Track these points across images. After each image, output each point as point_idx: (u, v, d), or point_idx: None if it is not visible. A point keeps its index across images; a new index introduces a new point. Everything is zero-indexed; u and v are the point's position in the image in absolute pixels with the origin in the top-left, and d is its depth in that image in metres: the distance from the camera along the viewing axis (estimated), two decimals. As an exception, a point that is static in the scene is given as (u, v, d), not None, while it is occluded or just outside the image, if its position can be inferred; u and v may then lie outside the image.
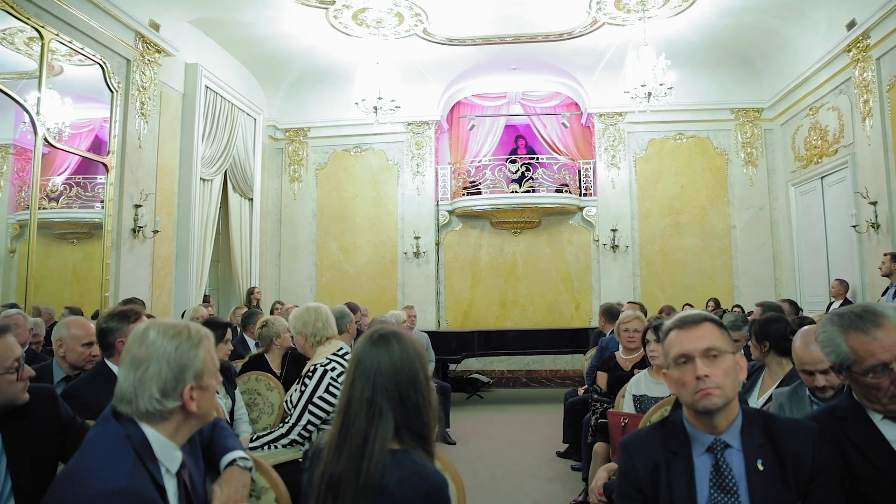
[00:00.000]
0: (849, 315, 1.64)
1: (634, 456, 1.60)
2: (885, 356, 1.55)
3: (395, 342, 1.45)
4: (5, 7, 5.24)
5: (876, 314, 1.61)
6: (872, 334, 1.58)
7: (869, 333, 1.58)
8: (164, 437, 1.34)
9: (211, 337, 1.45)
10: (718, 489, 1.49)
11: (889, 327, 1.58)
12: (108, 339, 2.62)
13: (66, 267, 7.27)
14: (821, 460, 1.50)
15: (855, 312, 1.65)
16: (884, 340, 1.56)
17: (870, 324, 1.59)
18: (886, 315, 1.63)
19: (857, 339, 1.59)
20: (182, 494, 1.40)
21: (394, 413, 1.38)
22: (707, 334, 1.55)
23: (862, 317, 1.62)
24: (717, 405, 1.49)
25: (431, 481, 1.32)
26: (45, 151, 6.38)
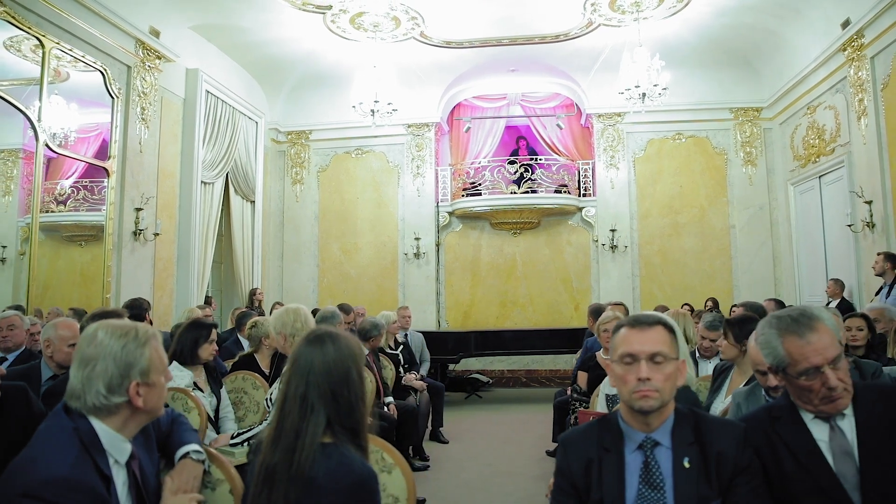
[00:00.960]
0: (786, 318, 1.70)
1: (570, 453, 1.68)
2: (817, 360, 1.61)
3: (329, 342, 1.54)
4: (7, 17, 5.38)
5: (811, 318, 1.67)
6: (807, 338, 1.63)
7: (803, 337, 1.64)
8: (113, 429, 1.44)
9: (159, 337, 1.55)
10: (646, 485, 1.55)
11: (823, 331, 1.64)
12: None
13: (75, 269, 7.40)
14: (743, 459, 1.55)
15: (792, 316, 1.70)
16: (817, 344, 1.62)
17: (805, 328, 1.65)
18: (822, 319, 1.69)
19: (793, 343, 1.65)
20: (132, 484, 1.50)
21: (326, 409, 1.47)
22: (657, 339, 1.60)
23: (798, 321, 1.67)
24: (654, 407, 1.56)
25: (357, 473, 1.40)
26: (52, 156, 6.55)
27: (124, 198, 6.77)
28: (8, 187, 6.84)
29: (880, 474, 1.56)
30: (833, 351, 1.62)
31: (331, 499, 1.38)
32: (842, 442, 1.62)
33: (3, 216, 6.82)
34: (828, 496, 1.57)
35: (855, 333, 3.85)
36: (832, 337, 1.64)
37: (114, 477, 1.44)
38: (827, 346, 1.62)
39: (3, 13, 5.36)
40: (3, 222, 6.75)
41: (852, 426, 1.63)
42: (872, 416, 1.63)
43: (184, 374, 3.37)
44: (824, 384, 1.60)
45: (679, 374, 1.62)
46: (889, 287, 6.33)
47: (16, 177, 6.90)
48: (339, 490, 1.38)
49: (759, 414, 1.80)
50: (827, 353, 1.61)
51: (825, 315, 1.69)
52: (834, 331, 1.67)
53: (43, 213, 7.23)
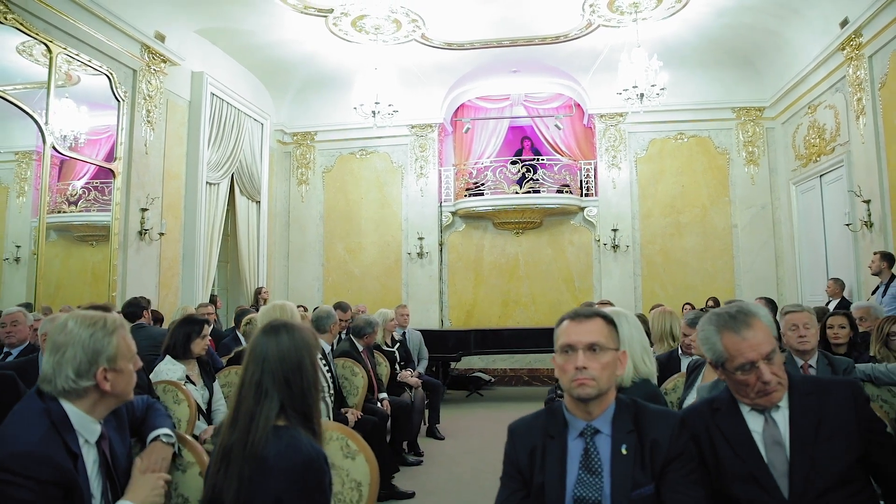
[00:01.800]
0: (724, 315, 1.78)
1: (517, 440, 1.77)
2: (752, 355, 1.68)
3: (284, 333, 1.64)
4: (15, 24, 5.56)
5: (748, 315, 1.75)
6: (742, 334, 1.71)
7: (739, 333, 1.71)
8: (82, 411, 1.55)
9: (127, 326, 1.66)
10: (585, 470, 1.63)
11: (758, 327, 1.72)
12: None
13: (87, 268, 7.57)
14: (677, 447, 1.62)
15: (730, 313, 1.77)
16: (752, 340, 1.69)
17: (741, 324, 1.72)
18: (758, 315, 1.76)
19: (730, 339, 1.72)
20: (102, 463, 1.61)
21: (279, 394, 1.57)
22: (594, 329, 1.69)
23: (735, 318, 1.75)
24: (590, 395, 1.63)
25: (304, 454, 1.50)
26: (63, 159, 6.73)
27: (130, 198, 6.94)
28: (22, 188, 7.00)
29: (807, 463, 1.63)
30: (767, 347, 1.70)
31: (280, 477, 1.48)
32: (774, 432, 1.70)
33: (17, 216, 6.98)
34: (758, 482, 1.66)
35: (837, 331, 3.90)
36: (767, 333, 1.72)
37: (84, 455, 1.55)
38: (761, 342, 1.70)
39: (12, 20, 5.53)
40: (17, 222, 6.90)
41: (786, 418, 1.71)
42: (805, 408, 1.71)
43: (176, 368, 3.49)
44: (759, 378, 1.68)
45: (619, 365, 1.70)
46: (885, 286, 6.34)
47: (30, 178, 7.07)
48: (288, 469, 1.48)
49: (702, 406, 1.88)
50: (761, 348, 1.69)
51: (761, 312, 1.77)
52: (770, 327, 1.75)
53: (55, 214, 7.44)
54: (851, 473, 1.63)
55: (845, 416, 1.69)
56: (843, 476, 1.62)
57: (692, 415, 1.83)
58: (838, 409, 1.70)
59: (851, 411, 1.70)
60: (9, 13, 5.49)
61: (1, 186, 7.09)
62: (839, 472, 1.62)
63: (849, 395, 1.74)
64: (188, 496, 1.86)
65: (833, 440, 1.65)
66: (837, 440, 1.66)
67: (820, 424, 1.68)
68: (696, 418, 1.80)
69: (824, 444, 1.65)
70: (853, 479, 1.63)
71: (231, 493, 1.49)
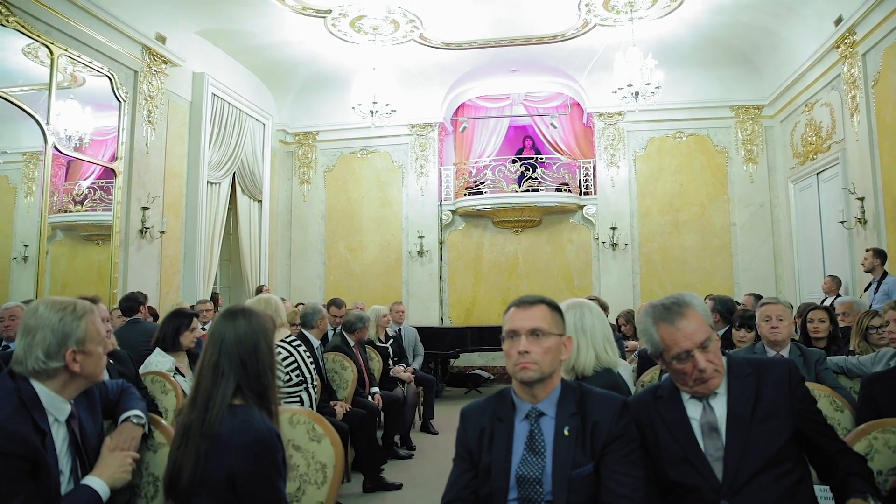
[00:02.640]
0: (659, 307, 1.83)
1: (468, 422, 1.85)
2: (687, 344, 1.73)
3: (241, 318, 1.73)
4: (16, 26, 5.70)
5: (682, 305, 1.80)
6: (677, 325, 1.76)
7: (674, 324, 1.76)
8: (52, 391, 1.65)
9: (96, 311, 1.76)
10: (530, 451, 1.71)
11: (692, 316, 1.77)
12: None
13: (92, 267, 7.70)
14: (616, 429, 1.69)
15: (664, 305, 1.83)
16: (686, 330, 1.75)
17: (675, 315, 1.77)
18: (691, 305, 1.81)
19: (665, 330, 1.77)
20: (72, 440, 1.71)
21: (235, 375, 1.66)
22: (537, 316, 1.75)
23: (670, 309, 1.80)
24: (533, 378, 1.71)
25: (255, 430, 1.59)
26: (69, 159, 6.87)
27: (131, 197, 7.07)
28: (30, 188, 7.11)
29: (740, 447, 1.69)
30: (701, 335, 1.75)
31: (234, 452, 1.57)
32: (710, 419, 1.75)
33: (25, 216, 7.09)
34: (693, 466, 1.72)
35: (817, 325, 3.95)
36: (700, 322, 1.77)
37: (53, 433, 1.64)
38: (695, 330, 1.75)
39: (14, 22, 5.67)
40: (25, 222, 7.02)
41: (723, 404, 1.77)
42: (742, 390, 1.76)
43: (166, 360, 3.60)
44: (695, 367, 1.73)
45: (563, 350, 1.77)
46: (877, 283, 6.36)
47: (37, 178, 7.18)
48: (241, 445, 1.57)
49: (646, 393, 1.94)
50: (695, 337, 1.74)
51: (696, 301, 1.83)
52: (704, 315, 1.80)
53: (61, 214, 7.59)
54: (784, 454, 1.69)
55: (780, 394, 1.75)
56: (775, 457, 1.67)
57: (637, 402, 1.90)
58: (774, 387, 1.76)
59: (786, 389, 1.76)
60: (10, 16, 5.62)
61: (9, 186, 7.24)
62: (772, 455, 1.67)
63: (785, 374, 1.79)
64: (158, 475, 1.95)
65: (767, 421, 1.71)
66: (772, 421, 1.71)
67: (756, 405, 1.73)
68: (640, 405, 1.87)
69: (759, 425, 1.70)
70: (785, 460, 1.68)
71: (189, 468, 1.58)
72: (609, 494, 1.63)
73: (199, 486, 1.58)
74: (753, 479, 1.65)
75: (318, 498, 2.08)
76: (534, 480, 1.66)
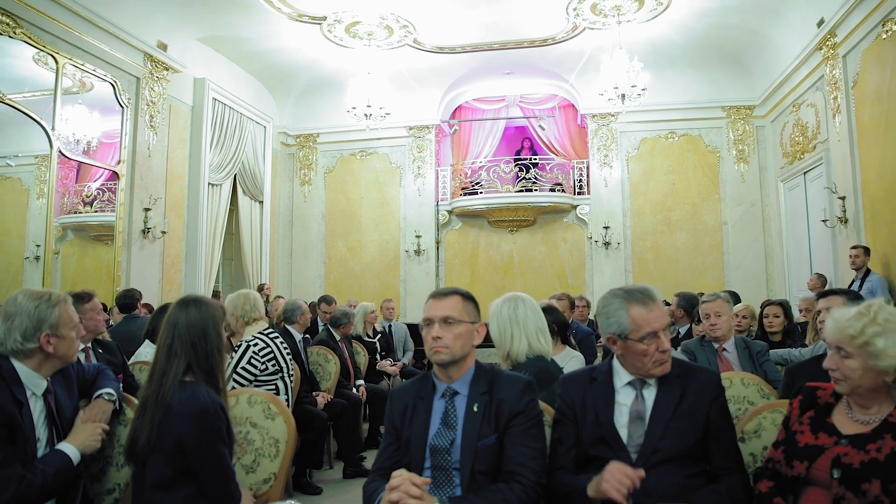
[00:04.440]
0: (634, 291, 1.99)
1: (394, 401, 2.08)
2: (657, 325, 1.91)
3: (193, 306, 1.98)
4: (23, 37, 6.01)
5: (651, 292, 1.99)
6: (649, 307, 1.94)
7: (647, 306, 1.94)
8: (30, 369, 1.90)
9: (69, 301, 2.01)
10: (444, 425, 1.93)
11: (657, 304, 1.97)
12: (63, 316, 3.23)
13: (101, 265, 7.98)
14: (519, 405, 1.90)
15: (638, 289, 2.00)
16: (656, 312, 1.93)
17: (648, 299, 1.96)
18: (656, 295, 2.00)
19: (638, 311, 1.93)
20: (48, 413, 1.97)
21: (186, 355, 1.91)
22: (449, 305, 1.97)
23: (643, 292, 1.98)
24: (444, 360, 1.93)
25: (201, 402, 1.83)
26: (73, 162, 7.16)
27: (133, 199, 7.37)
28: (42, 190, 7.38)
29: (658, 435, 1.86)
30: (665, 320, 1.96)
31: (181, 421, 1.81)
32: (640, 407, 1.93)
33: (37, 217, 7.38)
34: (609, 446, 1.90)
35: (772, 320, 4.14)
36: (663, 309, 1.99)
37: (31, 405, 1.90)
38: (662, 315, 1.95)
39: (21, 34, 5.98)
40: (38, 223, 7.31)
41: (653, 395, 1.94)
42: (672, 387, 1.93)
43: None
44: (658, 348, 1.91)
45: (475, 335, 1.99)
46: (861, 280, 6.48)
47: (49, 180, 7.51)
48: (188, 415, 1.81)
49: (582, 374, 2.12)
50: (662, 320, 1.94)
51: (657, 293, 2.02)
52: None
53: (71, 215, 7.90)
54: (694, 452, 1.86)
55: (701, 401, 1.91)
56: (684, 452, 1.85)
57: (571, 379, 2.09)
58: (697, 394, 1.92)
59: (707, 398, 1.92)
60: (17, 28, 5.93)
61: (22, 188, 7.56)
62: (682, 449, 1.85)
63: (709, 384, 1.95)
64: (127, 446, 2.21)
65: (684, 420, 1.87)
66: (689, 420, 1.88)
67: (680, 403, 1.90)
68: (574, 383, 2.06)
69: (677, 421, 1.87)
70: (692, 455, 1.86)
71: (145, 435, 1.83)
72: (509, 463, 1.85)
73: (154, 451, 1.83)
74: (662, 466, 1.82)
75: (272, 469, 2.32)
76: (444, 450, 1.88)
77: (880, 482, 1.55)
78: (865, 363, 1.65)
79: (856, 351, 1.66)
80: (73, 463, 1.93)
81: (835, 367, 1.72)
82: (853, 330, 1.67)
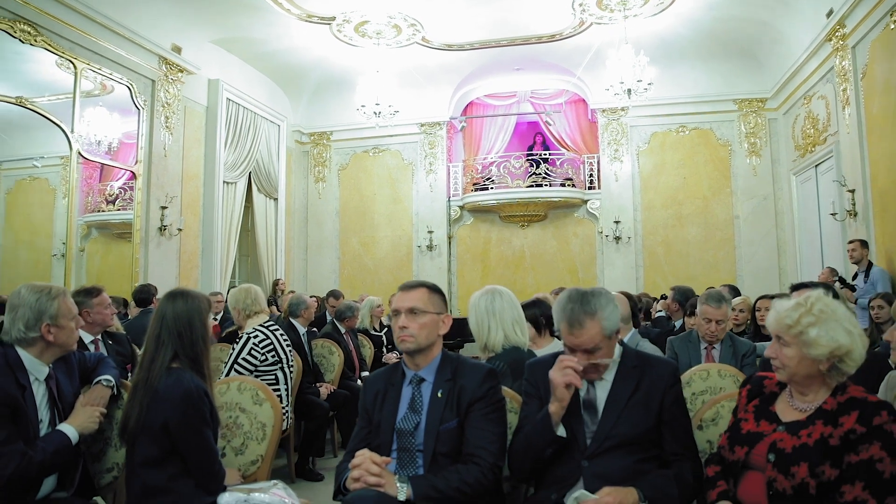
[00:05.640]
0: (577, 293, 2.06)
1: (367, 387, 2.21)
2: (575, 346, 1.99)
3: (179, 298, 2.13)
4: (43, 45, 6.26)
5: (583, 317, 1.97)
6: (574, 333, 1.96)
7: (571, 332, 1.96)
8: (32, 356, 2.08)
9: (68, 294, 2.18)
10: (410, 410, 2.07)
11: (589, 326, 1.94)
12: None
13: (124, 262, 8.27)
14: (480, 392, 2.02)
15: (582, 290, 2.06)
16: (581, 338, 1.94)
17: (574, 327, 1.96)
18: (594, 315, 1.97)
19: (565, 333, 1.99)
20: (50, 397, 2.14)
21: (173, 344, 2.06)
22: (415, 297, 2.09)
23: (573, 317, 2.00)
24: (410, 349, 2.06)
25: (184, 386, 1.99)
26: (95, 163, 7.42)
27: (150, 197, 7.62)
28: (67, 190, 7.71)
29: (610, 423, 1.95)
30: (589, 345, 1.96)
31: (166, 404, 1.97)
32: (591, 396, 2.02)
33: (63, 216, 7.68)
34: (566, 430, 1.98)
35: (764, 314, 4.18)
36: (593, 335, 1.94)
37: (34, 389, 2.07)
38: (584, 342, 1.93)
39: (41, 41, 6.24)
40: (64, 221, 7.62)
41: (606, 388, 2.02)
42: (626, 377, 2.01)
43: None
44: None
45: (441, 326, 2.11)
46: (864, 274, 6.47)
47: (76, 181, 7.79)
48: (172, 398, 1.97)
49: (547, 359, 2.21)
50: (583, 346, 1.95)
51: (601, 313, 1.98)
52: (604, 324, 1.97)
53: (95, 213, 8.18)
54: (644, 437, 1.95)
55: (656, 390, 1.99)
56: (636, 438, 1.94)
57: (538, 364, 2.17)
58: (653, 383, 2.00)
59: (661, 387, 1.99)
60: (38, 35, 6.19)
61: (49, 188, 7.86)
62: (634, 435, 1.94)
63: (665, 374, 2.03)
64: (124, 429, 2.38)
65: (638, 408, 1.96)
66: (642, 408, 1.96)
67: (634, 392, 1.98)
68: (539, 367, 2.14)
69: (631, 409, 1.95)
70: (644, 442, 1.95)
71: (134, 417, 2.00)
72: (468, 445, 1.97)
73: (142, 431, 1.99)
74: (613, 450, 1.92)
75: (259, 452, 2.48)
76: (408, 433, 2.02)
77: (808, 465, 1.64)
78: (801, 352, 1.73)
79: (792, 340, 1.75)
80: (72, 442, 2.09)
81: (774, 356, 1.81)
82: (790, 320, 1.75)
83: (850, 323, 1.72)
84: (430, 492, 1.85)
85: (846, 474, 1.60)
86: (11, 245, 7.60)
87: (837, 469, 1.62)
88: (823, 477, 1.62)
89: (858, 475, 1.58)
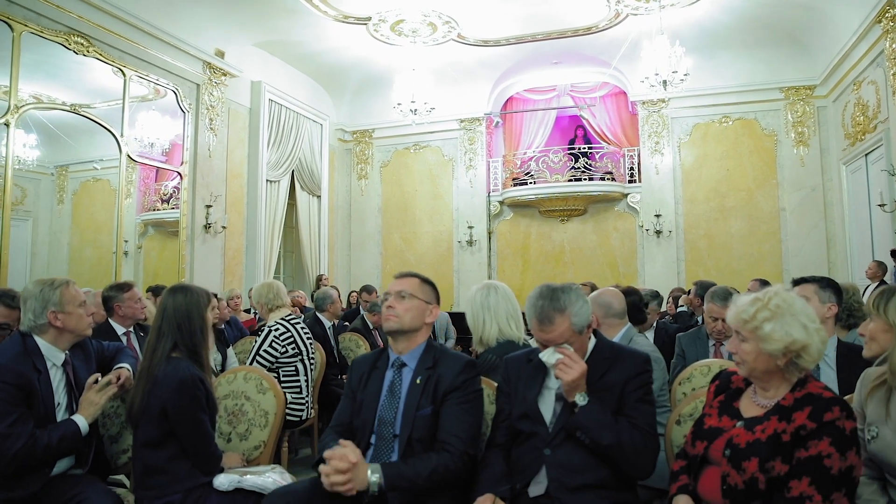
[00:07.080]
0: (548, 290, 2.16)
1: (354, 369, 2.34)
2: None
3: (180, 293, 2.31)
4: (95, 55, 6.67)
5: (551, 314, 2.04)
6: (541, 331, 2.06)
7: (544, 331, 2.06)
8: (48, 343, 2.29)
9: (71, 284, 2.37)
10: (390, 394, 2.18)
11: (558, 323, 2.02)
12: (108, 303, 3.69)
13: (177, 259, 8.76)
14: (456, 381, 2.11)
15: (553, 287, 2.14)
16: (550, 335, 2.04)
17: (546, 325, 2.03)
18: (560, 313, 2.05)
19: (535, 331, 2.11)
20: (66, 381, 2.35)
21: (173, 335, 2.24)
22: (406, 283, 2.22)
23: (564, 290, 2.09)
24: (393, 328, 2.17)
25: (181, 375, 2.15)
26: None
27: (196, 196, 8.00)
28: (129, 191, 8.20)
29: (570, 409, 2.01)
30: (560, 340, 2.04)
31: (165, 391, 2.14)
32: (560, 387, 2.06)
33: (126, 215, 8.18)
34: (530, 419, 2.08)
35: None
36: (562, 332, 2.02)
37: (51, 374, 2.28)
38: (552, 338, 2.01)
39: (93, 52, 6.65)
40: (126, 220, 8.12)
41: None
42: (594, 368, 2.04)
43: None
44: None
45: (429, 314, 2.22)
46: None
47: (134, 181, 8.28)
48: (170, 385, 2.14)
49: (522, 355, 2.31)
50: (552, 342, 2.03)
51: (571, 306, 2.06)
52: (574, 319, 2.04)
53: (151, 212, 8.65)
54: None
55: (619, 379, 2.03)
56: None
57: (514, 360, 2.26)
58: (618, 373, 2.04)
59: (624, 377, 2.04)
60: (90, 47, 6.60)
61: (111, 189, 8.37)
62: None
63: (633, 364, 2.07)
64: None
65: (599, 394, 2.00)
66: (604, 395, 2.01)
67: (598, 381, 2.02)
68: (514, 363, 2.24)
69: (594, 395, 1.99)
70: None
71: (137, 402, 2.18)
72: (441, 433, 2.07)
73: (143, 415, 2.17)
74: (573, 441, 1.98)
75: (262, 437, 2.64)
76: (388, 422, 2.12)
77: (758, 460, 1.65)
78: (758, 347, 1.74)
79: (749, 335, 1.76)
80: (81, 431, 2.25)
81: (734, 351, 1.82)
82: (746, 315, 1.76)
83: (807, 318, 1.72)
84: (400, 482, 1.91)
85: (795, 470, 1.61)
86: (78, 243, 8.09)
87: (788, 465, 1.63)
88: (773, 472, 1.63)
89: (806, 470, 1.59)
